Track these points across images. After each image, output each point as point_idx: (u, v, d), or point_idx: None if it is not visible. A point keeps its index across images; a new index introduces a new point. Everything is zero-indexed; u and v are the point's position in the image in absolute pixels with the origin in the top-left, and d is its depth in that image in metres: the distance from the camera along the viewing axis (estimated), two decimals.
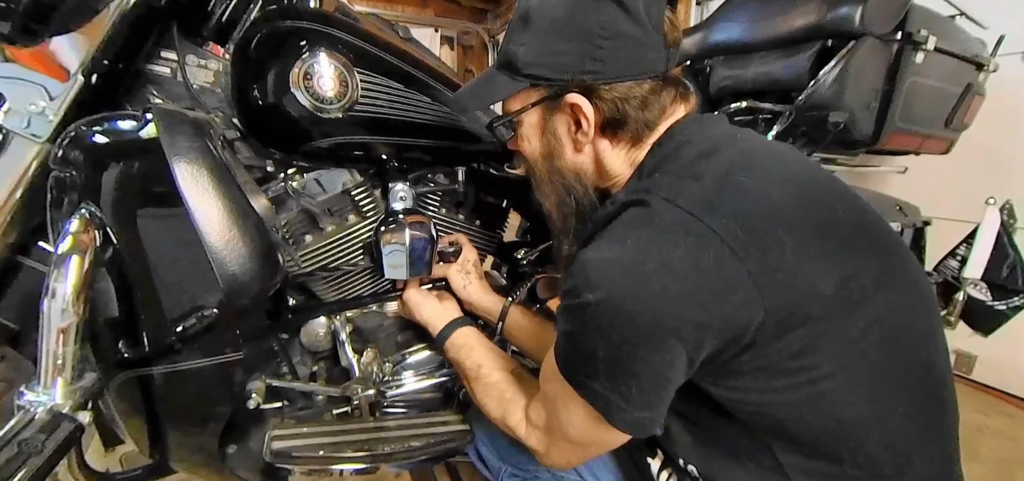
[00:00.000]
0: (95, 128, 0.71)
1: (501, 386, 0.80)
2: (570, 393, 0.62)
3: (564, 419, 0.65)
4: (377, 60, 0.87)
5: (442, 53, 5.42)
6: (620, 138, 0.68)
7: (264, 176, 0.90)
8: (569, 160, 0.71)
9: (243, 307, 0.81)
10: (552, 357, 0.65)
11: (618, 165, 0.70)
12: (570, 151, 0.70)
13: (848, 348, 0.56)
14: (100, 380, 0.71)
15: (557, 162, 0.71)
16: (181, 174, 0.69)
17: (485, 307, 1.02)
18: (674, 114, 0.69)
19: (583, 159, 0.71)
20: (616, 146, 0.69)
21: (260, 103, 0.81)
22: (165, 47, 0.82)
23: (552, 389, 0.66)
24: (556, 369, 0.63)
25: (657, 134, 0.68)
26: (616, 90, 0.65)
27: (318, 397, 1.01)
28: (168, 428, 0.82)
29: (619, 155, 0.70)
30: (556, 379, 0.63)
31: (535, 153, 0.73)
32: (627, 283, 0.53)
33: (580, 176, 0.71)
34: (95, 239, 0.69)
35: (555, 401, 0.66)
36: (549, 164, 0.72)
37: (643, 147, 0.69)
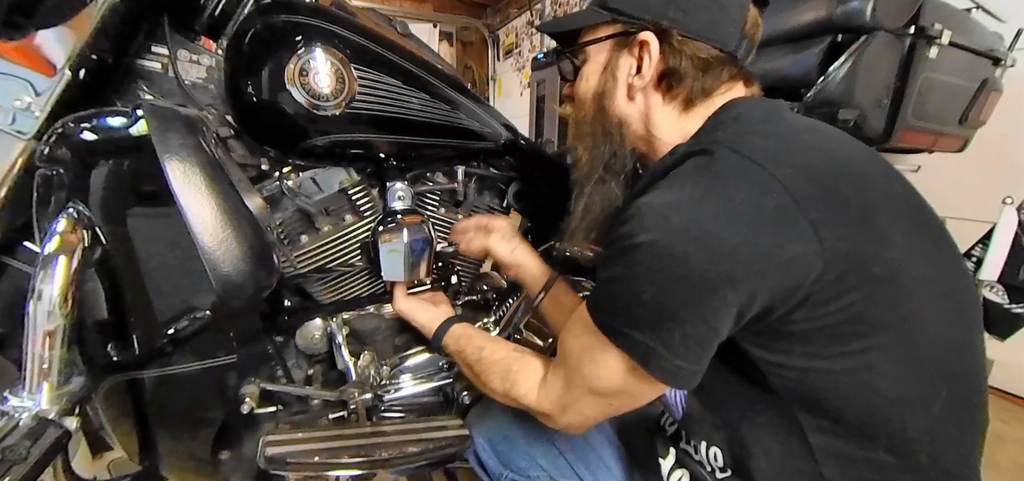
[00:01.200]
0: (83, 125, 0.70)
1: (507, 361, 0.80)
2: (603, 344, 0.61)
3: (591, 373, 0.64)
4: (375, 56, 0.86)
5: (441, 49, 5.43)
6: (673, 96, 0.68)
7: (258, 175, 0.90)
8: (619, 106, 0.71)
9: (237, 309, 0.82)
10: (581, 313, 0.65)
11: (665, 126, 0.70)
12: (623, 96, 0.71)
13: (903, 320, 0.55)
14: (88, 384, 0.70)
15: (606, 103, 0.71)
16: (173, 172, 0.68)
17: (532, 273, 1.02)
18: (732, 91, 0.69)
19: (632, 110, 0.71)
20: (667, 104, 0.69)
21: (254, 100, 0.80)
22: (156, 42, 0.81)
23: (579, 343, 0.66)
24: (587, 322, 0.63)
25: (711, 107, 0.68)
26: (687, 45, 0.66)
27: (314, 401, 1.00)
28: (158, 434, 0.81)
29: (668, 115, 0.69)
30: (586, 332, 0.63)
31: (589, 92, 0.73)
32: (683, 224, 0.53)
33: (623, 126, 0.72)
34: (83, 239, 0.68)
35: (581, 356, 0.65)
36: (597, 105, 0.72)
37: (694, 116, 0.68)
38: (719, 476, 0.68)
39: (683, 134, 0.68)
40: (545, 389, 0.72)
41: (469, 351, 0.87)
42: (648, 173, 0.68)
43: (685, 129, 0.69)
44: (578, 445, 0.85)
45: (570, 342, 0.68)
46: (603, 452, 0.84)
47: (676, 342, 0.56)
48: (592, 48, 0.73)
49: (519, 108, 4.84)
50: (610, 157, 0.72)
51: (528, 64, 4.77)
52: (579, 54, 0.75)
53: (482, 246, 1.03)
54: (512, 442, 0.87)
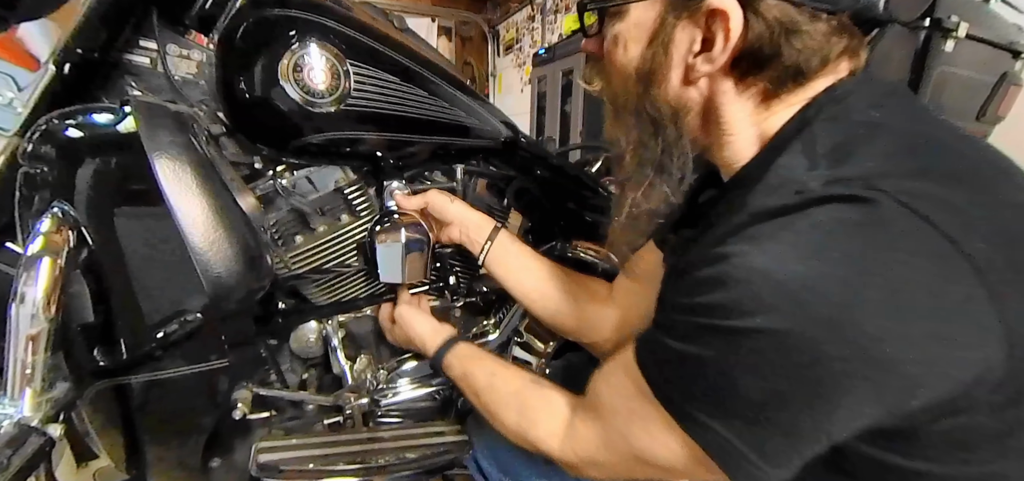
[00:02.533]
0: (68, 121, 0.69)
1: (523, 395, 0.71)
2: (663, 420, 0.49)
3: (640, 443, 0.53)
4: (371, 51, 0.85)
5: (439, 44, 5.43)
6: (751, 84, 0.51)
7: (251, 173, 0.89)
8: (672, 91, 0.53)
9: (229, 311, 0.80)
10: (628, 365, 0.53)
11: (737, 122, 0.53)
12: (678, 80, 0.52)
13: None
14: (73, 390, 0.69)
15: (654, 89, 0.53)
16: (162, 171, 0.67)
17: (475, 223, 0.93)
18: (835, 71, 0.51)
19: (690, 96, 0.53)
20: (741, 94, 0.52)
21: (247, 96, 0.79)
22: (144, 36, 0.80)
23: (626, 406, 0.55)
24: (641, 385, 0.51)
25: (804, 94, 0.50)
26: (782, 10, 0.47)
27: (308, 406, 0.99)
28: (147, 441, 0.80)
29: (742, 108, 0.52)
30: (638, 397, 0.51)
31: (626, 66, 0.55)
32: (827, 315, 0.39)
33: (679, 117, 0.54)
34: (69, 240, 0.67)
35: (629, 420, 0.54)
36: (642, 88, 0.54)
37: (776, 108, 0.51)
38: None
39: (761, 135, 0.52)
40: (572, 439, 0.62)
41: (479, 375, 0.79)
42: (738, 204, 0.48)
43: (765, 128, 0.52)
44: None
45: (611, 396, 0.58)
46: None
47: (771, 451, 0.44)
48: (634, 5, 0.53)
49: (520, 105, 4.83)
50: (662, 155, 0.55)
51: (529, 60, 4.77)
52: (614, 8, 0.55)
53: (421, 200, 0.94)
54: (513, 449, 0.84)
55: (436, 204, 0.94)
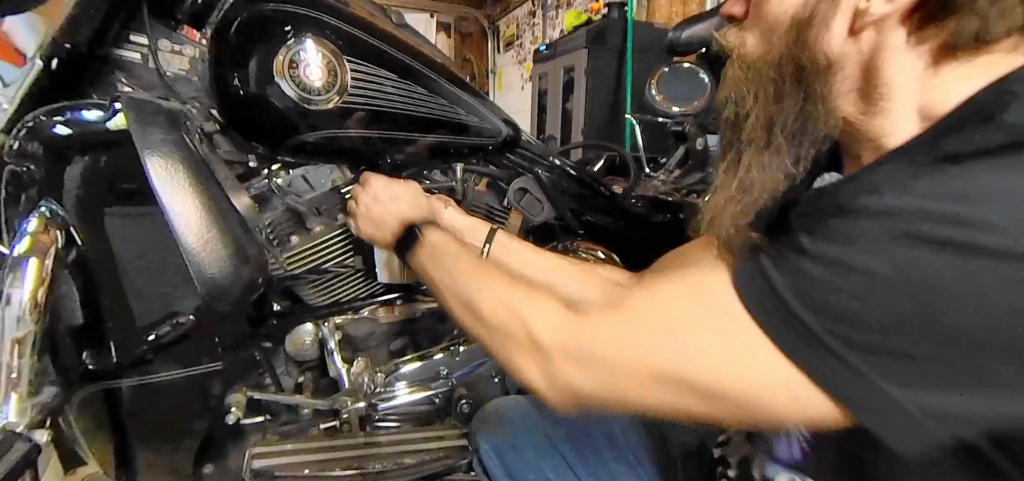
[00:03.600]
0: (56, 118, 0.69)
1: (519, 282, 0.60)
2: (750, 334, 0.42)
3: (699, 352, 0.45)
4: (369, 48, 0.85)
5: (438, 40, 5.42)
6: (926, 38, 0.43)
7: (246, 172, 0.88)
8: (833, 40, 0.46)
9: (223, 313, 0.80)
10: (695, 285, 0.47)
11: (899, 86, 0.45)
12: (842, 27, 0.45)
13: None
14: (60, 395, 0.68)
15: (811, 38, 0.46)
16: (154, 169, 0.66)
17: (468, 228, 0.89)
18: (1011, 49, 0.43)
19: (849, 51, 0.46)
20: (912, 50, 0.44)
21: (241, 93, 0.79)
22: (134, 30, 0.79)
23: (688, 306, 0.47)
24: (726, 292, 0.44)
25: (985, 69, 0.42)
26: None
27: (304, 411, 0.98)
28: (137, 447, 0.80)
29: (909, 69, 0.44)
30: (716, 304, 0.44)
31: (780, 15, 0.48)
32: None
33: (828, 76, 0.47)
34: (56, 239, 0.66)
35: (688, 321, 0.46)
36: (793, 37, 0.47)
37: (949, 77, 0.44)
38: None
39: (925, 107, 0.44)
40: (578, 325, 0.51)
41: (464, 257, 0.69)
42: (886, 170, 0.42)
43: (931, 98, 0.44)
44: (590, 459, 0.82)
45: (668, 290, 0.49)
46: (617, 471, 0.81)
47: (947, 405, 0.37)
48: None
49: (520, 103, 4.83)
50: (798, 117, 0.48)
51: (530, 57, 4.76)
52: None
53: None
54: (520, 452, 0.83)
55: (444, 216, 0.92)
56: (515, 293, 0.57)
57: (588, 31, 3.26)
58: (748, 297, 0.43)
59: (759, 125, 0.50)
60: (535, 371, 0.52)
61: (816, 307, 0.39)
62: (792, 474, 0.55)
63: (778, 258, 0.42)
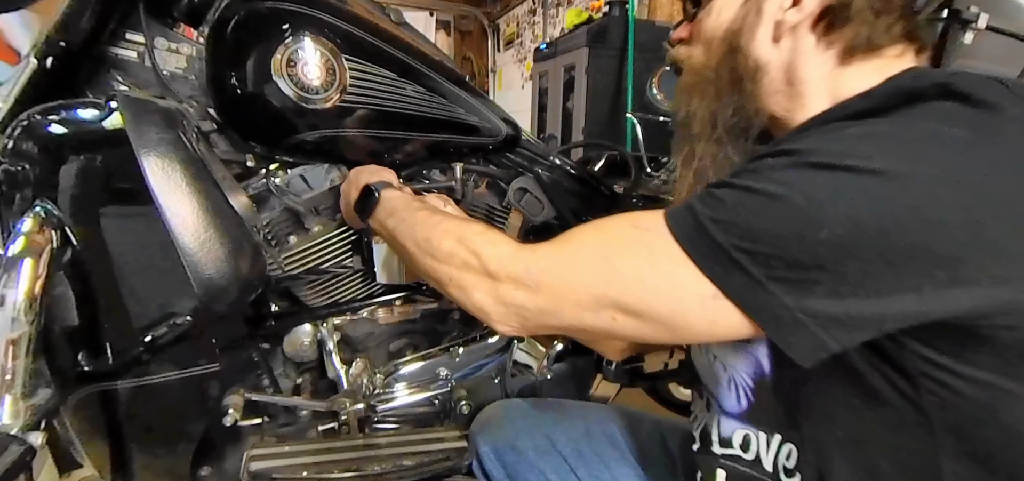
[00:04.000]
0: (51, 117, 0.68)
1: (473, 224, 0.66)
2: (672, 253, 0.48)
3: (627, 271, 0.50)
4: (367, 46, 0.84)
5: (438, 39, 5.41)
6: (831, 42, 0.55)
7: (244, 172, 0.88)
8: (758, 48, 0.58)
9: (220, 314, 0.80)
10: (630, 219, 0.53)
11: (815, 82, 0.56)
12: (766, 36, 0.57)
13: None
14: (55, 397, 0.68)
15: (742, 43, 0.58)
16: (151, 169, 0.66)
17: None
18: (904, 58, 0.56)
19: (774, 55, 0.58)
20: (822, 51, 0.56)
21: (239, 92, 0.79)
22: (130, 28, 0.79)
23: (616, 233, 0.53)
24: (654, 220, 0.50)
25: (877, 70, 0.54)
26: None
27: (302, 412, 0.98)
28: (133, 449, 0.79)
29: (820, 67, 0.56)
30: (644, 227, 0.51)
31: (718, 29, 0.60)
32: (944, 167, 0.40)
33: (759, 74, 0.58)
34: (51, 240, 0.66)
35: (616, 246, 0.52)
36: (729, 45, 0.59)
37: (852, 74, 0.55)
38: None
39: (835, 97, 0.55)
40: (524, 255, 0.57)
41: (422, 212, 0.72)
42: (839, 112, 0.51)
43: (839, 90, 0.55)
44: (591, 460, 0.82)
45: (610, 223, 0.55)
46: (619, 472, 0.81)
47: (827, 307, 0.43)
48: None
49: (520, 102, 4.82)
50: (735, 112, 0.59)
51: (530, 55, 4.75)
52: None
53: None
54: (520, 453, 0.84)
55: None
56: (470, 229, 0.63)
57: (589, 29, 3.25)
58: (675, 225, 0.49)
59: (705, 121, 0.62)
60: (484, 294, 0.58)
61: (725, 226, 0.46)
62: (741, 427, 0.62)
63: (704, 195, 0.49)
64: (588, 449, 0.83)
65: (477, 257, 0.59)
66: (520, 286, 0.55)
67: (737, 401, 0.62)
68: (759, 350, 0.58)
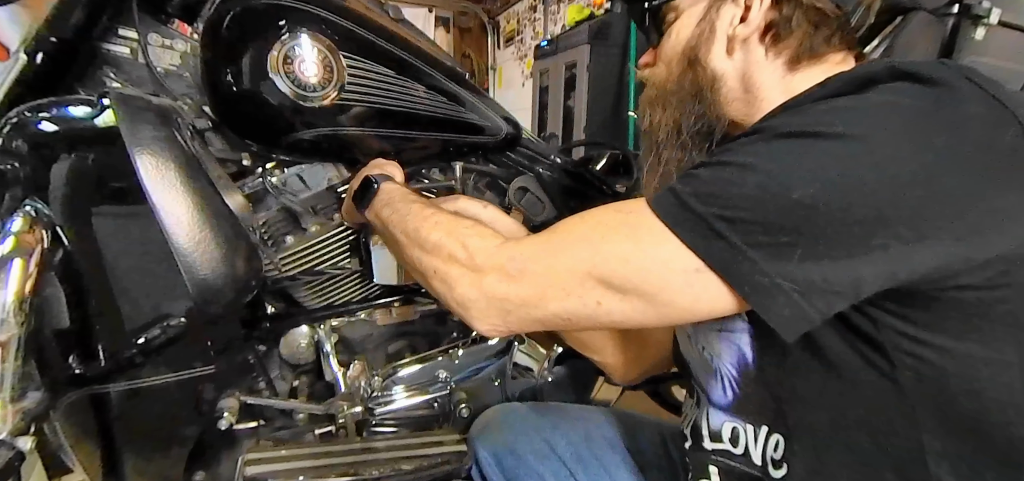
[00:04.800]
0: (42, 114, 0.68)
1: (462, 219, 0.67)
2: (654, 228, 0.50)
3: (608, 249, 0.53)
4: (366, 43, 0.84)
5: (437, 36, 5.41)
6: (779, 52, 0.61)
7: (240, 171, 0.88)
8: (714, 61, 0.64)
9: (215, 316, 0.79)
10: (615, 207, 0.56)
11: (768, 87, 0.62)
12: (720, 50, 0.64)
13: None
14: (45, 400, 0.67)
15: (700, 57, 0.65)
16: (145, 167, 0.66)
17: (506, 225, 0.91)
18: (845, 63, 0.62)
19: (729, 66, 0.64)
20: (771, 60, 0.62)
21: (234, 89, 0.78)
22: (123, 24, 0.78)
23: (601, 218, 0.56)
24: (636, 204, 0.53)
25: (822, 73, 0.59)
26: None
27: (299, 415, 0.97)
28: (125, 454, 0.79)
29: (772, 74, 0.62)
30: (628, 210, 0.54)
31: (677, 48, 0.67)
32: (905, 130, 0.44)
33: (716, 84, 0.64)
34: (42, 240, 0.66)
35: (599, 228, 0.54)
36: (687, 60, 0.66)
37: (800, 77, 0.61)
38: (774, 474, 0.60)
39: (789, 92, 0.60)
40: (512, 245, 0.59)
41: (416, 204, 0.73)
42: (806, 95, 0.55)
43: (792, 93, 0.58)
44: (591, 464, 0.82)
45: (595, 210, 0.57)
46: (619, 476, 0.81)
47: (805, 272, 0.45)
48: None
49: (521, 100, 4.82)
50: (697, 119, 0.65)
51: (531, 53, 4.75)
52: (669, 11, 0.67)
53: (452, 211, 0.93)
54: (519, 457, 0.84)
55: (469, 211, 0.91)
56: (461, 223, 0.65)
57: (590, 26, 3.25)
58: (657, 206, 0.51)
59: (670, 129, 0.66)
60: (467, 286, 0.59)
61: (704, 198, 0.48)
62: (730, 420, 0.64)
63: (683, 176, 0.52)
64: (588, 453, 0.83)
65: (464, 249, 0.60)
66: (504, 276, 0.57)
67: (723, 393, 0.64)
68: (742, 338, 0.60)
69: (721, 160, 0.50)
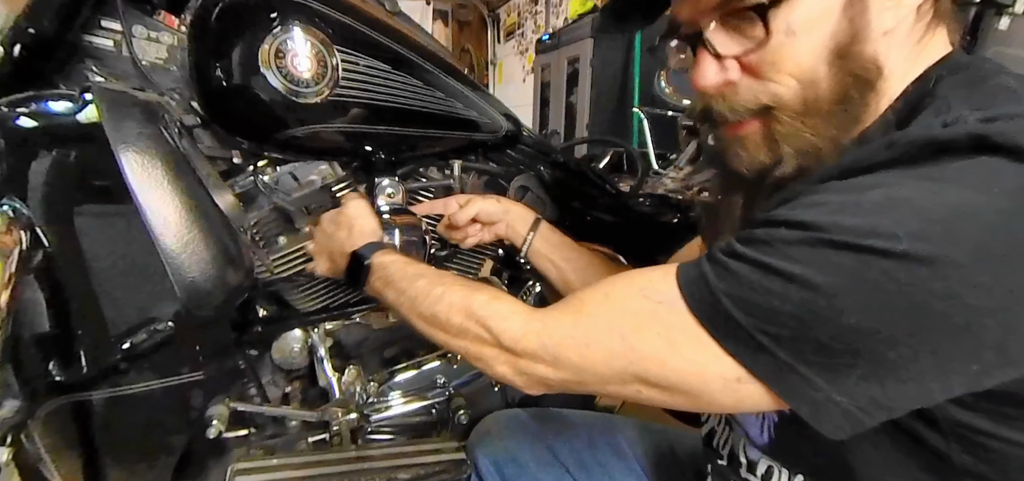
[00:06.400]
0: (20, 109, 0.67)
1: (480, 287, 0.65)
2: (697, 334, 0.46)
3: (648, 349, 0.49)
4: (361, 37, 0.83)
5: (435, 29, 5.40)
6: (921, 16, 0.50)
7: (230, 169, 0.87)
8: (873, 45, 0.49)
9: (204, 319, 0.79)
10: (644, 283, 0.51)
11: (897, 68, 0.50)
12: (879, 27, 0.49)
13: None
14: (23, 409, 0.67)
15: (857, 52, 0.49)
16: (130, 165, 0.65)
17: (518, 214, 0.93)
18: (945, 37, 0.52)
19: (884, 48, 0.50)
20: (909, 32, 0.50)
21: (224, 85, 0.77)
22: (106, 15, 0.77)
23: (642, 306, 0.50)
24: (672, 294, 0.48)
25: (937, 45, 0.51)
26: None
27: (291, 422, 0.97)
28: (108, 465, 0.78)
29: (905, 47, 0.50)
30: (667, 305, 0.48)
31: (815, 54, 0.50)
32: (990, 243, 0.38)
33: (881, 72, 0.50)
34: (21, 241, 0.65)
35: (640, 320, 0.50)
36: (842, 65, 0.50)
37: (925, 51, 0.51)
38: None
39: (894, 93, 0.51)
40: (542, 325, 0.55)
41: (423, 271, 0.71)
42: (869, 145, 0.47)
43: (901, 84, 0.51)
44: (595, 472, 0.82)
45: (619, 292, 0.53)
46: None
47: (862, 389, 0.41)
48: None
49: (521, 96, 4.82)
50: (858, 125, 0.51)
51: (532, 47, 4.74)
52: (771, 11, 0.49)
53: (472, 214, 0.93)
54: (521, 466, 0.84)
55: (485, 209, 0.93)
56: (475, 299, 0.62)
57: (594, 19, 3.23)
58: (691, 299, 0.47)
59: (821, 152, 0.52)
60: (505, 367, 0.58)
61: (745, 306, 0.44)
62: (766, 459, 0.61)
63: (717, 264, 0.47)
64: (591, 460, 0.83)
65: (489, 332, 0.59)
66: (539, 361, 0.55)
67: (760, 433, 0.61)
68: None
69: (761, 261, 0.43)
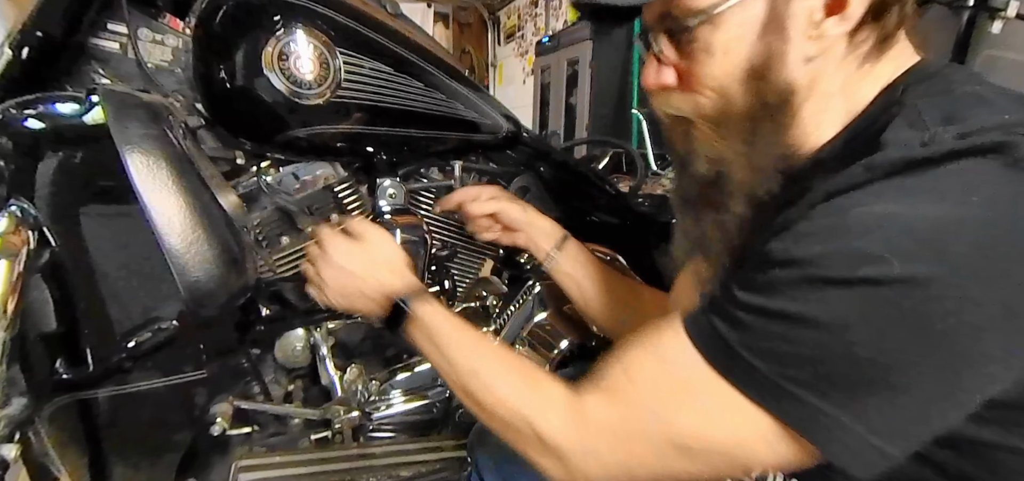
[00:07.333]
0: (28, 111, 0.67)
1: (526, 361, 0.64)
2: (722, 391, 0.46)
3: (687, 426, 0.49)
4: (362, 39, 0.84)
5: (436, 31, 5.39)
6: (855, 46, 0.49)
7: (233, 169, 0.87)
8: (790, 72, 0.50)
9: (207, 318, 0.78)
10: (660, 345, 0.51)
11: (833, 95, 0.51)
12: (799, 55, 0.49)
13: None
14: (30, 406, 0.67)
15: (772, 77, 0.50)
16: (135, 166, 0.64)
17: (543, 229, 0.92)
18: (895, 58, 0.51)
19: (804, 74, 0.50)
20: (846, 56, 0.50)
21: (228, 86, 0.78)
22: (112, 18, 0.77)
23: (664, 372, 0.51)
24: (689, 353, 0.48)
25: (888, 65, 0.51)
26: None
27: (294, 421, 0.98)
28: (113, 462, 0.78)
29: (842, 75, 0.50)
30: (687, 366, 0.48)
31: (729, 73, 0.51)
32: (971, 255, 0.38)
33: (795, 97, 0.51)
34: (28, 241, 0.65)
35: (668, 391, 0.50)
36: (754, 84, 0.51)
37: (870, 76, 0.51)
38: None
39: (849, 110, 0.51)
40: (579, 424, 0.55)
41: (469, 334, 0.69)
42: (821, 176, 0.47)
43: (853, 102, 0.51)
44: None
45: (641, 364, 0.53)
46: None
47: (877, 416, 0.41)
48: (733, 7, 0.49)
49: (522, 97, 4.81)
50: (776, 146, 0.52)
51: (532, 49, 4.74)
52: (703, 21, 0.50)
53: (494, 207, 0.93)
54: (521, 465, 0.82)
55: (507, 213, 0.93)
56: (514, 391, 0.60)
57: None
58: (710, 357, 0.47)
59: (746, 174, 0.54)
60: (549, 461, 0.57)
61: (764, 356, 0.44)
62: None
63: (723, 312, 0.47)
64: None
65: (532, 429, 0.58)
66: (585, 457, 0.55)
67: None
68: None
69: (765, 307, 0.43)
